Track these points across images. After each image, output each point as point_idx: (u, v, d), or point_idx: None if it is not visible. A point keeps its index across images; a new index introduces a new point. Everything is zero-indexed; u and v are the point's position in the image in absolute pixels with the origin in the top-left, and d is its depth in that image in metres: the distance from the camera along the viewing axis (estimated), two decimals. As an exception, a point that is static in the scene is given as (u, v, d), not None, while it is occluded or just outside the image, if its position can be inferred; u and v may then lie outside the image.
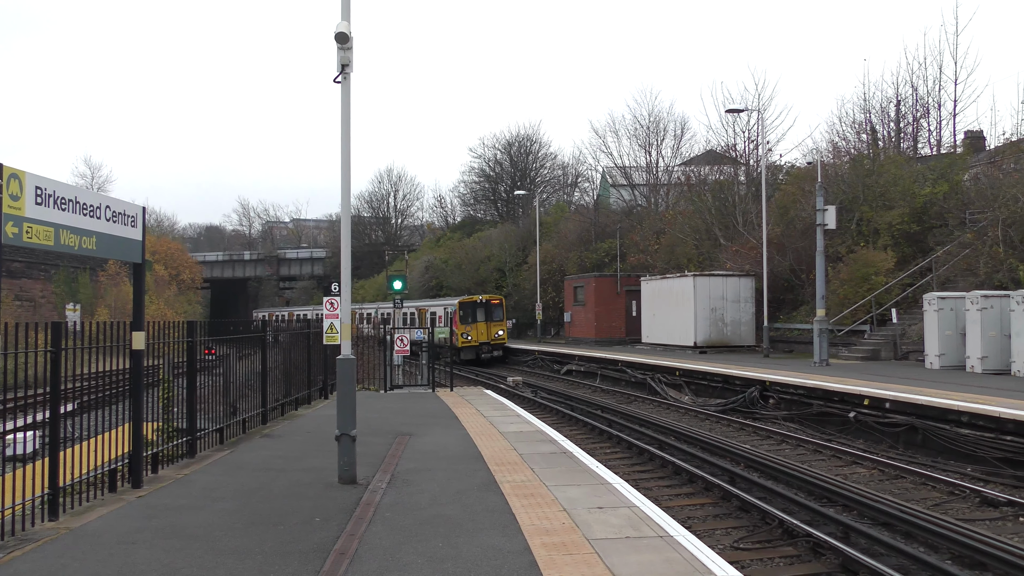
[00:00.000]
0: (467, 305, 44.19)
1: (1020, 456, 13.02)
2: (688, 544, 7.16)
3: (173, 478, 10.13)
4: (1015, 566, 8.39)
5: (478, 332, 43.31)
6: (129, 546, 7.16)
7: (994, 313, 20.88)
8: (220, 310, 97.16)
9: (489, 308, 43.91)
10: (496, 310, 44.02)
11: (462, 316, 43.66)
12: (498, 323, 43.92)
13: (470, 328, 43.34)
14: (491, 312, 43.87)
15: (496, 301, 44.79)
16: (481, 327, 43.39)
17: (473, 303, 44.35)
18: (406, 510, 8.47)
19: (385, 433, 13.93)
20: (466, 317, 43.60)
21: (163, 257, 74.27)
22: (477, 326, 43.38)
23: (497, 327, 43.80)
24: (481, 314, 43.65)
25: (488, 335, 43.43)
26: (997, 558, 8.64)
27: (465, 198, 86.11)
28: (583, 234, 51.56)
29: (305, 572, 6.43)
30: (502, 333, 43.99)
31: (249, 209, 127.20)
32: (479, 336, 43.27)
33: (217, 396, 12.69)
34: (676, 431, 18.13)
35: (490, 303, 44.39)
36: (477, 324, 43.42)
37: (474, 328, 43.32)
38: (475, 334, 43.26)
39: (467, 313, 43.74)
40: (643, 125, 54.10)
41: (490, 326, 43.58)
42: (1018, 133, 33.11)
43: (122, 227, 8.96)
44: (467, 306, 44.11)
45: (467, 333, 43.26)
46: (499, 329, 43.85)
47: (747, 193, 40.14)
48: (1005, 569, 8.47)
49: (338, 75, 10.07)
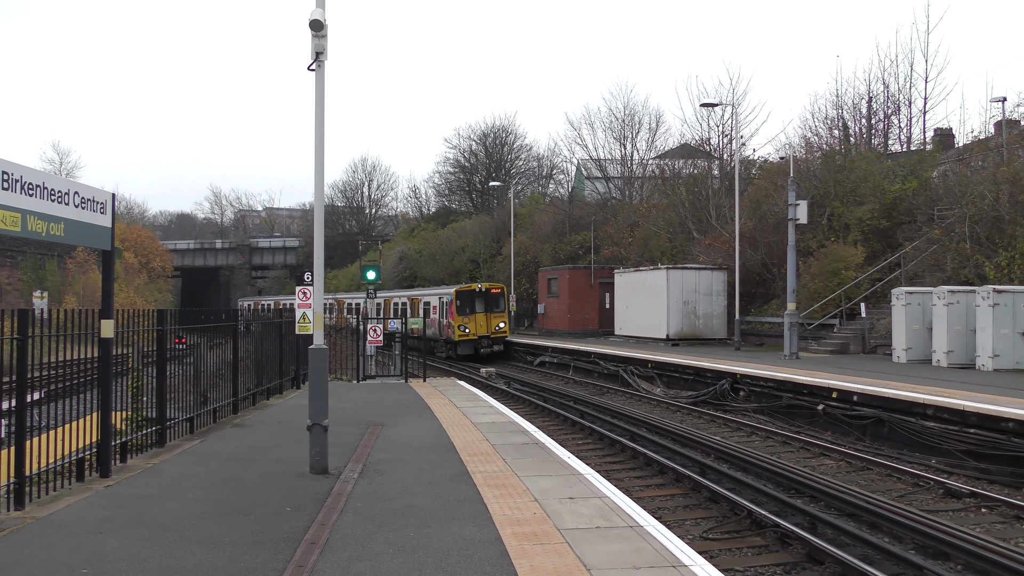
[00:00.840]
0: (465, 294, 40.08)
1: (983, 448, 13.26)
2: (658, 534, 7.22)
3: (142, 467, 10.04)
4: (977, 556, 8.56)
5: (477, 324, 39.47)
6: (97, 535, 7.10)
7: (960, 308, 21.22)
8: (191, 299, 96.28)
9: (489, 298, 40.06)
10: (497, 300, 40.32)
11: (459, 307, 39.58)
12: (499, 314, 40.15)
13: (468, 320, 39.40)
14: (492, 302, 40.06)
15: (497, 290, 40.80)
16: (480, 319, 39.58)
17: (471, 292, 40.30)
18: (378, 500, 8.47)
19: (357, 423, 13.90)
20: (464, 308, 39.60)
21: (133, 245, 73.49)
22: (476, 318, 39.53)
23: (498, 319, 40.04)
24: (480, 304, 39.85)
25: (488, 327, 39.61)
26: (960, 548, 8.81)
27: (440, 189, 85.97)
28: (558, 226, 51.66)
29: (275, 561, 6.41)
30: (503, 325, 40.25)
31: (221, 197, 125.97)
32: (478, 329, 39.44)
33: (188, 385, 12.59)
34: (648, 423, 18.25)
35: (491, 292, 40.37)
36: (476, 315, 39.57)
37: (472, 320, 39.46)
38: (473, 326, 39.41)
39: (465, 303, 39.74)
40: (618, 118, 54.36)
41: (490, 318, 39.77)
42: (986, 131, 33.68)
43: (91, 214, 8.84)
44: (465, 295, 40.02)
45: (464, 325, 39.30)
46: (500, 321, 40.08)
47: (720, 187, 40.44)
48: (967, 559, 8.64)
49: (312, 63, 10.00)
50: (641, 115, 54.87)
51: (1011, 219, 23.98)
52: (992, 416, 13.16)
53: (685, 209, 40.58)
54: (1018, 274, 22.87)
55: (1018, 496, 11.48)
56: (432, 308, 43.21)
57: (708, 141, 44.34)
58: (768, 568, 8.82)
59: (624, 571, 6.22)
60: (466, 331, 39.31)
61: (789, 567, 8.84)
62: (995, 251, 24.21)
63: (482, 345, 39.41)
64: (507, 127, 79.07)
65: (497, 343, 39.89)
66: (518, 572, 6.15)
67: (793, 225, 26.27)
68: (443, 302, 41.45)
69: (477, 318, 39.58)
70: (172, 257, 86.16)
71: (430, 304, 43.62)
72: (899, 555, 8.72)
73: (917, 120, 38.74)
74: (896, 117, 39.33)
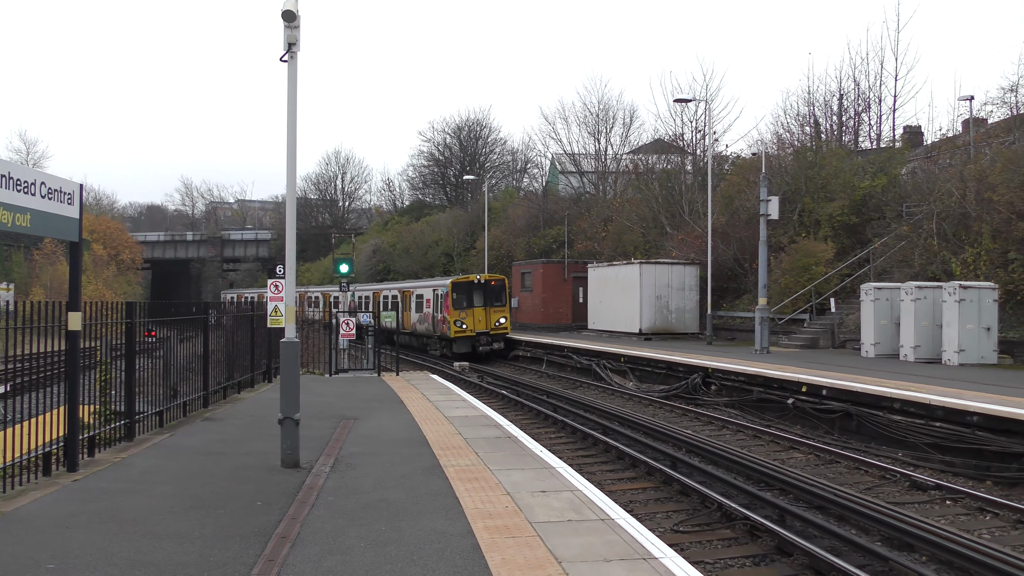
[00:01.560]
0: (462, 286, 36.72)
1: (948, 442, 13.48)
2: (629, 527, 7.27)
3: (110, 462, 9.93)
4: (942, 547, 8.71)
5: (475, 320, 36.19)
6: (64, 530, 7.01)
7: (927, 304, 21.54)
8: (161, 292, 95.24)
9: (489, 290, 36.74)
10: (498, 293, 37.01)
11: (455, 300, 36.10)
12: (499, 309, 36.78)
13: (465, 315, 36.02)
14: (491, 295, 36.71)
15: (497, 282, 37.55)
16: (479, 313, 36.22)
17: (469, 284, 36.95)
18: (349, 494, 8.45)
19: (329, 417, 13.84)
20: (460, 301, 36.17)
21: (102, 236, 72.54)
22: (474, 312, 36.18)
23: (498, 313, 36.69)
24: (479, 298, 36.47)
25: (487, 323, 36.35)
26: (925, 540, 8.97)
27: (414, 182, 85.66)
28: (531, 220, 51.71)
29: (246, 556, 6.37)
30: (504, 321, 36.89)
31: (192, 189, 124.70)
32: (476, 324, 36.15)
33: (157, 379, 12.46)
34: (620, 416, 18.35)
35: (490, 284, 37.05)
36: (474, 310, 36.21)
37: (470, 315, 36.11)
38: (471, 322, 36.12)
39: (462, 296, 36.28)
40: (592, 113, 54.49)
41: (490, 312, 36.42)
42: (954, 129, 34.15)
43: (58, 204, 8.71)
44: (462, 287, 36.64)
45: (461, 321, 35.91)
46: (501, 316, 36.73)
47: (693, 182, 40.67)
48: (932, 551, 8.79)
49: (285, 54, 9.91)
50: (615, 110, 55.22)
51: (977, 216, 24.36)
52: (957, 410, 13.38)
53: (658, 204, 40.78)
54: (983, 270, 23.25)
55: (982, 488, 11.70)
56: (426, 301, 39.69)
57: (681, 137, 44.58)
58: (738, 560, 8.92)
59: (595, 564, 6.25)
60: (463, 327, 35.96)
61: (758, 559, 8.94)
62: (961, 248, 24.58)
63: (480, 343, 36.19)
64: (482, 121, 79.03)
65: (497, 340, 36.75)
66: (489, 565, 6.17)
67: (765, 221, 26.50)
68: (438, 295, 38.05)
69: (475, 312, 36.26)
70: (142, 249, 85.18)
71: (423, 297, 40.21)
72: (866, 547, 8.85)
73: (887, 117, 39.20)
74: (866, 114, 39.78)
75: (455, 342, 36.14)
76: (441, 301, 37.37)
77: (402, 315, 41.85)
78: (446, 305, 36.50)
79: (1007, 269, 22.66)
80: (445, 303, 36.63)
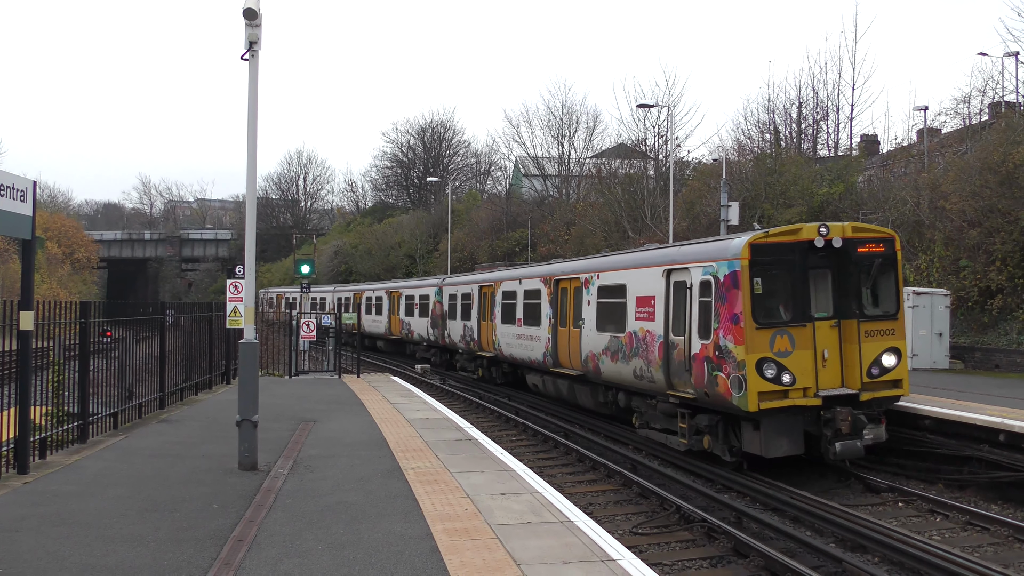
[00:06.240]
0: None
1: (901, 445, 13.71)
2: (587, 529, 7.31)
3: (62, 464, 9.74)
4: (893, 548, 8.88)
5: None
6: (12, 534, 6.86)
7: (882, 309, 21.87)
8: (118, 291, 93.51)
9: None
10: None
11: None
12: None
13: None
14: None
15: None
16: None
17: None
18: (308, 496, 8.38)
19: (288, 419, 13.71)
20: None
21: (56, 234, 71.16)
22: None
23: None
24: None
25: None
26: (877, 541, 9.14)
27: (377, 183, 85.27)
28: (495, 223, 51.72)
29: (201, 559, 6.29)
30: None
31: (151, 187, 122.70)
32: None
33: (112, 380, 12.24)
34: (581, 420, 18.41)
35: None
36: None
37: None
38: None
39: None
40: (556, 116, 54.64)
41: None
42: (909, 138, 34.88)
43: (10, 201, 8.54)
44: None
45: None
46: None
47: (656, 187, 40.97)
48: (883, 551, 8.96)
49: (246, 52, 9.81)
50: (579, 114, 55.28)
51: (930, 224, 24.87)
52: (909, 414, 13.62)
53: (621, 208, 41.01)
54: (936, 277, 23.74)
55: (932, 491, 11.94)
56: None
57: (644, 142, 44.89)
58: (695, 562, 9.02)
59: (553, 566, 6.28)
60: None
61: (715, 560, 9.05)
62: (915, 254, 25.08)
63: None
64: (445, 123, 78.92)
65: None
66: (448, 568, 6.16)
67: (725, 226, 26.79)
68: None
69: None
70: (98, 248, 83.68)
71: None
72: (820, 548, 9.00)
73: (844, 126, 39.87)
74: (825, 122, 40.40)
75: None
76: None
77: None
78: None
79: (959, 276, 23.16)
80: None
